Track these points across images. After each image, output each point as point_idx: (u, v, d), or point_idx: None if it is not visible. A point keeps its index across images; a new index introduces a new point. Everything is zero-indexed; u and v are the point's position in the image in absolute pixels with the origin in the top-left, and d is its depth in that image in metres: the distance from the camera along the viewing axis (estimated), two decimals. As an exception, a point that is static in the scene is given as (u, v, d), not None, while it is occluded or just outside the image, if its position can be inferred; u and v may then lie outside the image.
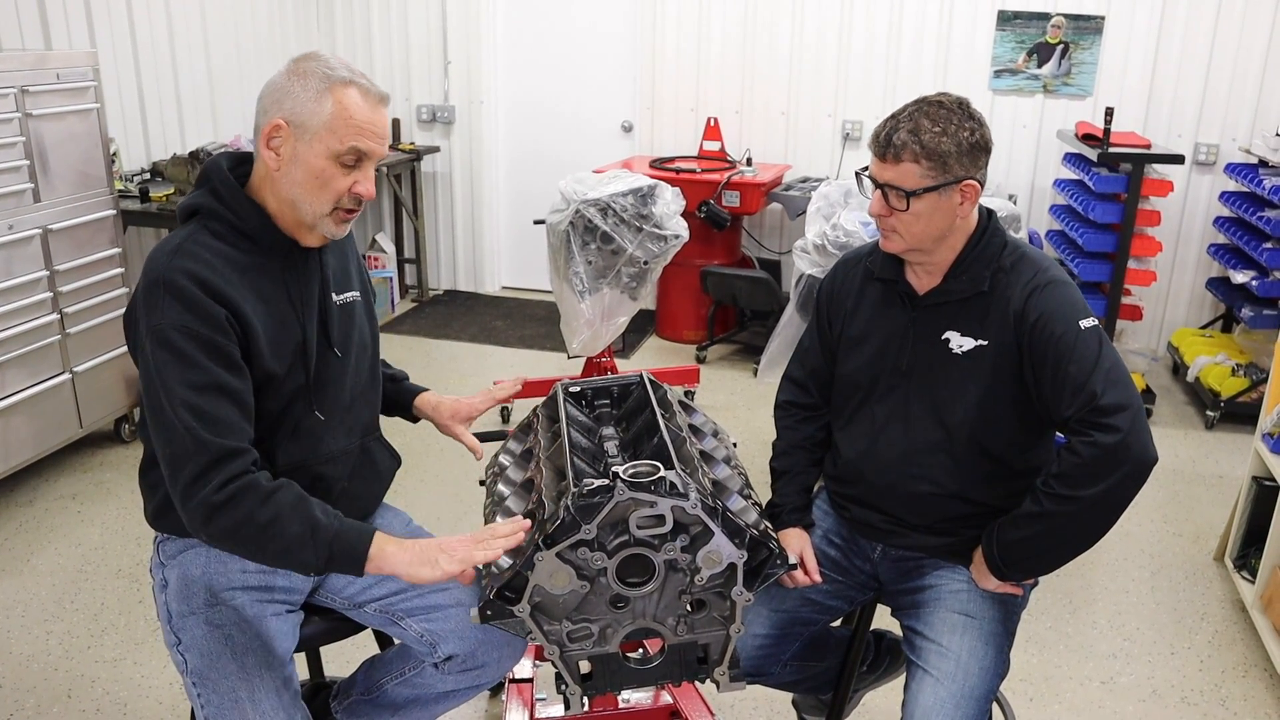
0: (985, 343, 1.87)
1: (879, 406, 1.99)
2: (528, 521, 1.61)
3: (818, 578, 1.99)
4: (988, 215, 1.93)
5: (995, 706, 2.29)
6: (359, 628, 1.97)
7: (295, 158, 1.68)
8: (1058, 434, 1.93)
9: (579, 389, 2.00)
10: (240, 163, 1.77)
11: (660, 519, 1.53)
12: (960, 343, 1.89)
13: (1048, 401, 1.82)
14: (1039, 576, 1.97)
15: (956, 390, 1.90)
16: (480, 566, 1.72)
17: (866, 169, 1.91)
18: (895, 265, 1.97)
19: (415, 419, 2.14)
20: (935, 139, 1.78)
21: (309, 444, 1.80)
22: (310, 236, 1.77)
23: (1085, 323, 1.80)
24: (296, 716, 1.72)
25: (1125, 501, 1.76)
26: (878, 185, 1.86)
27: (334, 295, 1.85)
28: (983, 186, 1.86)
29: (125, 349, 4.15)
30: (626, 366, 5.13)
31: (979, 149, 1.82)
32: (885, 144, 1.83)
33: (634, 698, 2.52)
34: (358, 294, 1.92)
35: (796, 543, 2.03)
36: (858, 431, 2.02)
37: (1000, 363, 1.86)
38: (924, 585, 1.98)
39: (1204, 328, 5.39)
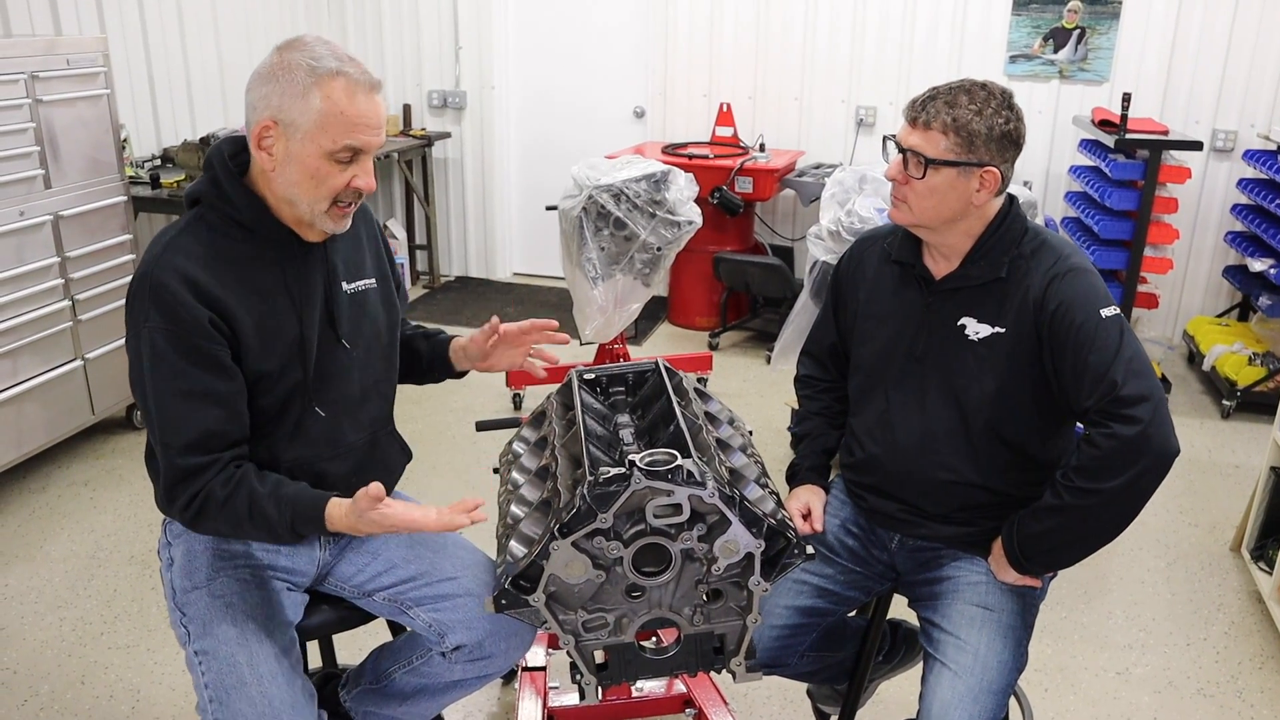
0: (1002, 330, 1.85)
1: (895, 392, 1.97)
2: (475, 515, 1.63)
3: (819, 527, 2.04)
4: (1009, 201, 1.91)
5: (1012, 699, 2.27)
6: (369, 617, 1.96)
7: (289, 157, 1.63)
8: (1078, 424, 1.90)
9: (594, 376, 1.98)
10: (242, 149, 1.74)
11: (677, 508, 1.51)
12: (976, 329, 1.87)
13: (1067, 391, 1.79)
14: (1059, 570, 1.95)
15: (972, 377, 1.87)
16: (494, 557, 1.71)
17: (895, 135, 1.90)
18: (913, 248, 1.95)
19: (460, 373, 2.09)
20: (969, 116, 1.78)
21: (312, 440, 1.78)
22: (311, 232, 1.74)
23: (1106, 311, 1.78)
24: (296, 683, 1.70)
25: (1147, 494, 1.74)
26: (901, 150, 1.85)
27: (344, 284, 1.81)
28: (1006, 181, 1.84)
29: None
30: (639, 353, 5.11)
31: (1009, 140, 1.81)
32: (919, 110, 1.82)
33: (647, 687, 2.51)
34: (373, 281, 1.88)
35: (806, 495, 2.08)
36: (874, 418, 2.01)
37: (1018, 350, 1.84)
38: (942, 576, 1.96)
39: (1220, 316, 5.34)
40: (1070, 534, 1.81)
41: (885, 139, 1.96)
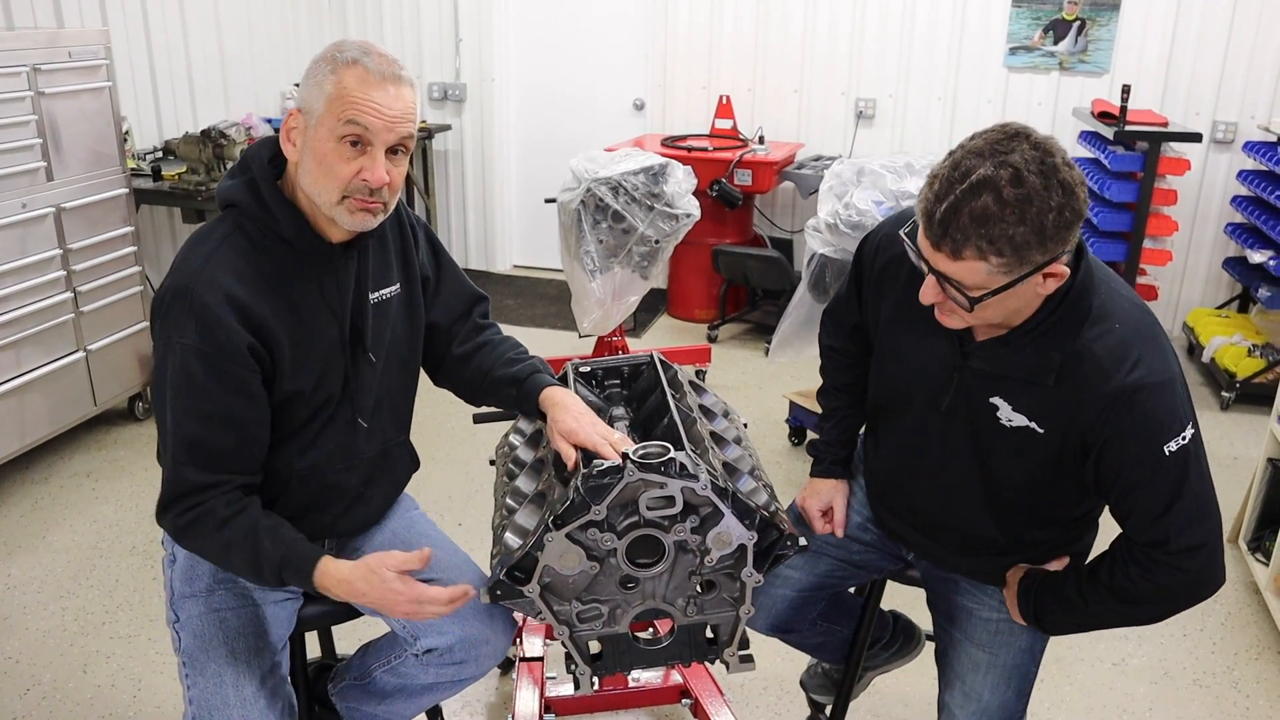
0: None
1: (919, 427, 1.78)
2: (468, 592, 1.65)
3: (840, 531, 1.98)
4: (1075, 267, 1.51)
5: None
6: (357, 612, 1.95)
7: (306, 145, 1.61)
8: None
9: (589, 369, 1.99)
10: (279, 151, 1.69)
11: (670, 500, 1.53)
12: (1010, 416, 1.61)
13: (1111, 509, 1.64)
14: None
15: (1002, 457, 1.68)
16: (490, 549, 1.72)
17: (914, 227, 1.49)
18: None
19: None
20: (1008, 230, 1.36)
21: (326, 451, 1.77)
22: (335, 230, 1.68)
23: (1171, 445, 1.48)
24: (278, 704, 1.72)
25: (1181, 610, 1.66)
26: (931, 270, 1.47)
27: (370, 293, 1.77)
28: (1070, 255, 1.48)
29: (139, 327, 4.16)
30: (638, 346, 5.12)
31: (1068, 225, 1.39)
32: (941, 230, 1.40)
33: (644, 677, 2.53)
34: (397, 287, 1.82)
35: (829, 492, 2.00)
36: (896, 442, 1.87)
37: (1058, 453, 1.60)
38: (958, 601, 1.92)
39: (1220, 308, 5.35)
40: (1091, 624, 1.77)
41: (903, 237, 1.54)
